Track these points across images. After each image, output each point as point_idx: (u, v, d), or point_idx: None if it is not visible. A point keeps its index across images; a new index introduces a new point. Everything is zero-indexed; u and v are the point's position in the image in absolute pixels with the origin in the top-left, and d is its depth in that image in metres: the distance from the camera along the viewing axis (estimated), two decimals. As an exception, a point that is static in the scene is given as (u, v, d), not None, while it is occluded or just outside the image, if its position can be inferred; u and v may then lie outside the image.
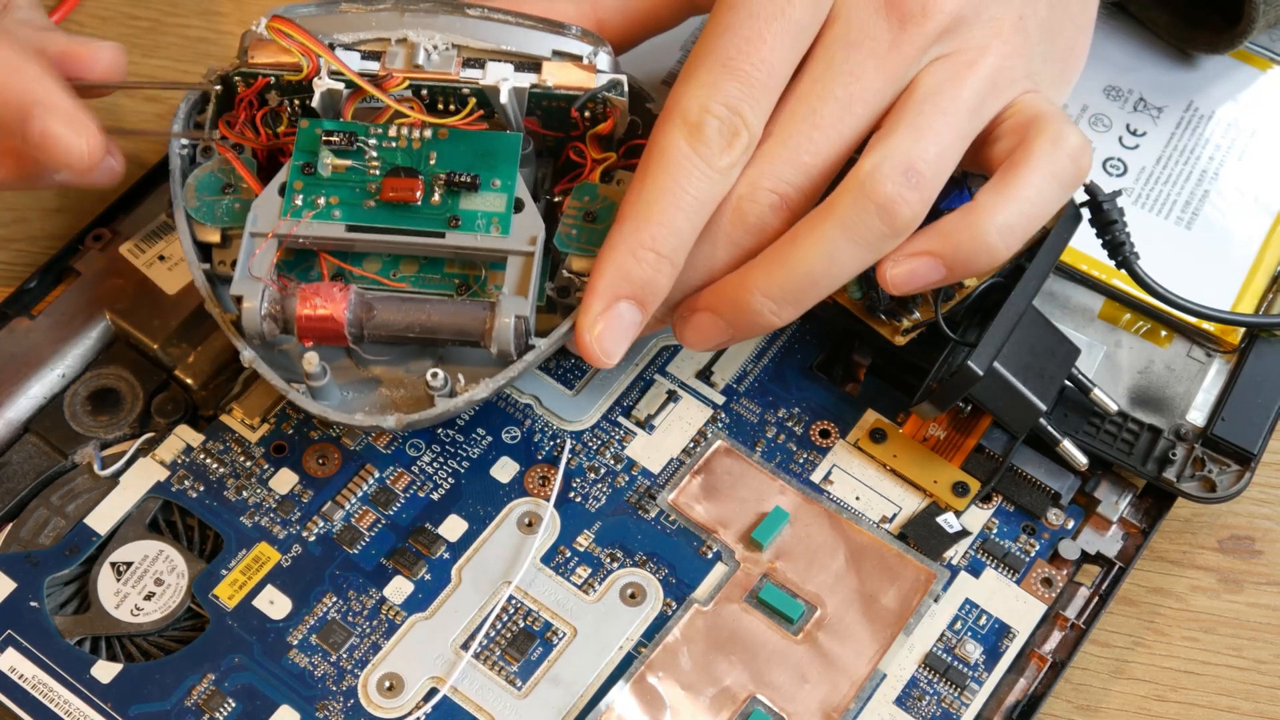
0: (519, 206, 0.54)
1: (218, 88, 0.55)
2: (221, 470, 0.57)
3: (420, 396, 0.54)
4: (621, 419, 0.59)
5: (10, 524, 0.56)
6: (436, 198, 0.53)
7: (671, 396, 0.60)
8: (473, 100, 0.54)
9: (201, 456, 0.58)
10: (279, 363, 0.54)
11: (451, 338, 0.53)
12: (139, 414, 0.58)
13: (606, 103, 0.55)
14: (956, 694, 0.54)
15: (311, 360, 0.53)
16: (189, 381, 0.59)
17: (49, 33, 0.54)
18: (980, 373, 0.54)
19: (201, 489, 0.57)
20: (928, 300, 0.56)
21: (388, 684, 0.53)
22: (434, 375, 0.53)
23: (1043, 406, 0.56)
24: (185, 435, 0.58)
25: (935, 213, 0.53)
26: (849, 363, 0.60)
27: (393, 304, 0.53)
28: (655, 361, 0.60)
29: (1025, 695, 0.55)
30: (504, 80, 0.54)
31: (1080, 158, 0.53)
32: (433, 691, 0.53)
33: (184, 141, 0.56)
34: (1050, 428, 0.57)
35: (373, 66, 0.54)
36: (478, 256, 0.54)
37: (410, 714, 0.53)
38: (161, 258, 0.61)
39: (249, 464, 0.57)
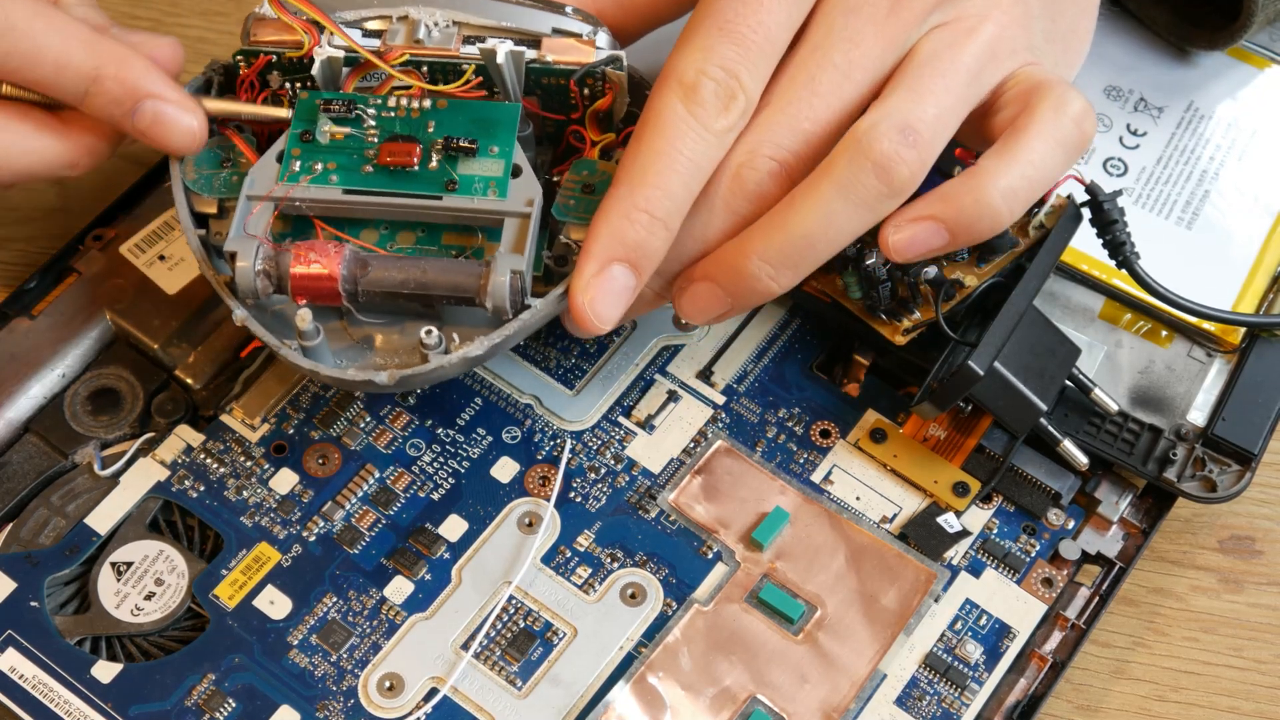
0: (516, 173, 0.53)
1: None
2: (222, 470, 0.57)
3: (415, 350, 0.54)
4: (622, 419, 0.59)
5: (10, 524, 0.56)
6: (434, 163, 0.53)
7: (672, 396, 0.60)
8: (471, 68, 0.54)
9: (202, 456, 0.58)
10: (272, 326, 0.54)
11: (446, 294, 0.52)
12: (139, 414, 0.58)
13: (605, 78, 0.55)
14: (957, 694, 0.54)
15: (304, 317, 0.52)
16: (189, 381, 0.59)
17: (106, 32, 0.55)
18: (981, 373, 0.54)
19: (202, 489, 0.57)
20: (928, 300, 0.56)
21: (388, 684, 0.53)
22: (428, 333, 0.52)
23: (1043, 406, 0.56)
24: (185, 435, 0.58)
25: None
26: (849, 363, 0.60)
27: (387, 261, 0.53)
28: (655, 361, 0.60)
29: (1026, 695, 0.55)
30: (501, 44, 0.54)
31: (1084, 122, 0.53)
32: (433, 691, 0.53)
33: None
34: (1051, 428, 0.57)
35: (374, 44, 0.54)
36: (475, 220, 0.53)
37: (410, 714, 0.53)
38: (161, 258, 0.61)
39: (249, 464, 0.57)
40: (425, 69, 0.55)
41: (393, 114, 0.54)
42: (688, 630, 0.54)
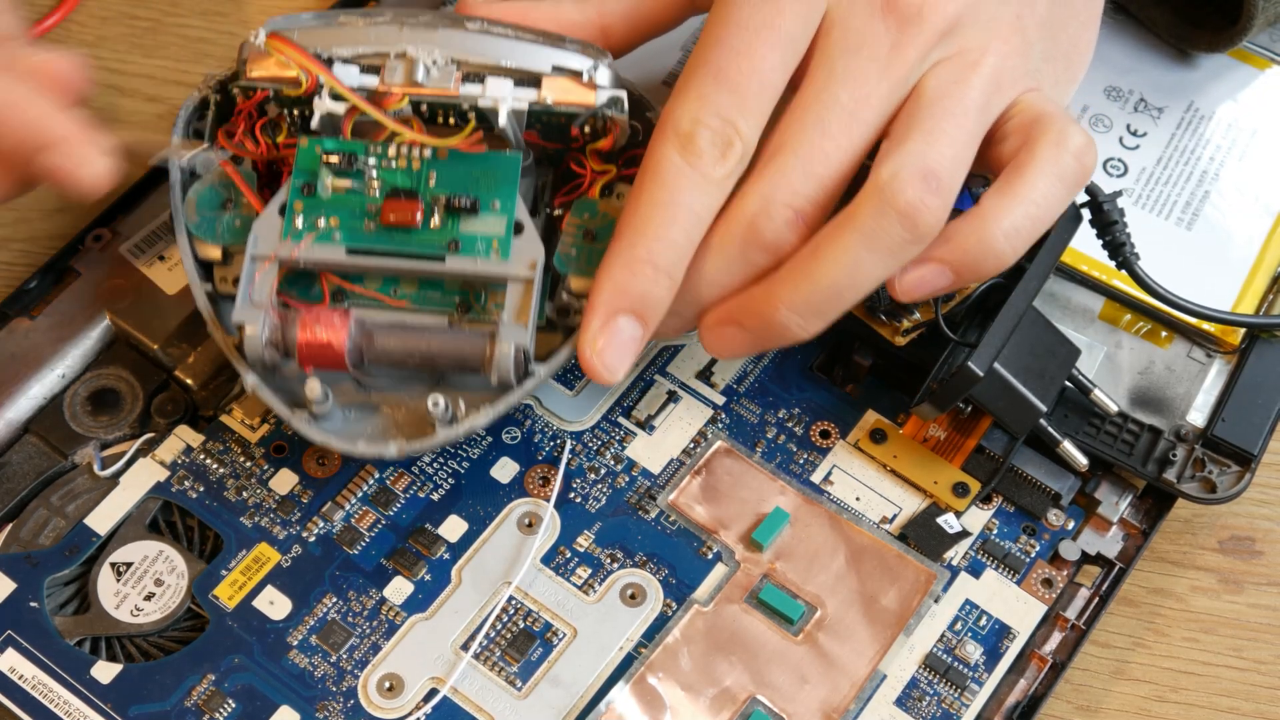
0: (518, 229, 0.54)
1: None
2: (221, 470, 0.57)
3: (422, 415, 0.54)
4: (622, 419, 0.59)
5: (10, 524, 0.56)
6: (436, 220, 0.53)
7: (672, 397, 0.60)
8: (473, 120, 0.54)
9: (201, 457, 0.58)
10: (280, 385, 0.54)
11: (451, 365, 0.53)
12: (139, 414, 0.58)
13: (607, 120, 0.55)
14: (957, 694, 0.54)
15: (314, 388, 0.53)
16: (189, 382, 0.59)
17: (19, 44, 0.53)
18: (980, 373, 0.54)
19: (201, 489, 0.57)
20: (928, 301, 0.56)
21: (388, 684, 0.53)
22: (435, 404, 0.53)
23: (1043, 407, 0.56)
24: (185, 435, 0.58)
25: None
26: (849, 363, 0.60)
27: (393, 332, 0.53)
28: (655, 362, 0.60)
29: (1025, 696, 0.55)
30: (503, 100, 0.54)
31: (1084, 156, 0.53)
32: (433, 692, 0.53)
33: (185, 154, 0.56)
34: (1050, 428, 0.57)
35: (371, 81, 0.54)
36: (478, 280, 0.54)
37: (410, 714, 0.53)
38: (161, 258, 0.61)
39: (249, 464, 0.57)
40: (425, 108, 0.54)
41: (393, 164, 0.54)
42: (688, 631, 0.54)
